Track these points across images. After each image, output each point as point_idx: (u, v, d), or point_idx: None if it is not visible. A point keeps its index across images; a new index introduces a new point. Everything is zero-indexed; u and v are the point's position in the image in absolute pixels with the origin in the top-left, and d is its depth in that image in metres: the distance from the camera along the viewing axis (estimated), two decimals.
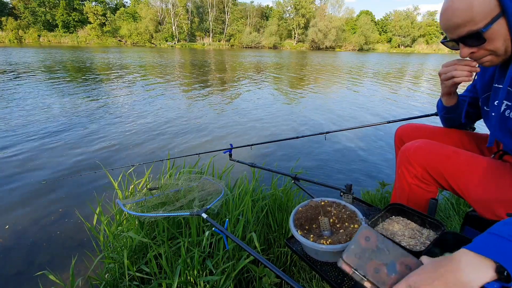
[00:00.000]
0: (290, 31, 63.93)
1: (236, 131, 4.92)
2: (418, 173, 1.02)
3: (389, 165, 3.64)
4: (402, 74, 16.04)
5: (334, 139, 4.49)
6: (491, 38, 0.75)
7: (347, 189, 1.10)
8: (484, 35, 0.74)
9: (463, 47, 0.81)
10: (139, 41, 50.26)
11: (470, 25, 0.74)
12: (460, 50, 0.82)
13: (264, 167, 1.57)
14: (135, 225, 1.58)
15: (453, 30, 0.78)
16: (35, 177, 3.07)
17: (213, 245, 1.43)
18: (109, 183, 2.13)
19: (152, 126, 5.02)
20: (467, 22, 0.74)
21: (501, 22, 0.73)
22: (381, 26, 67.16)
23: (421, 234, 0.86)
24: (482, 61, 0.83)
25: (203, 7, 58.49)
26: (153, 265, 1.28)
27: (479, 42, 0.77)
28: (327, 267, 0.84)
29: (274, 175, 1.99)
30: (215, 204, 1.27)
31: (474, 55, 0.81)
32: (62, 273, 1.79)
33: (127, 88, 8.81)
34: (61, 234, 2.19)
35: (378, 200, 2.11)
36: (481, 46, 0.78)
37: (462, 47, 0.81)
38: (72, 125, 4.90)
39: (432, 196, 1.04)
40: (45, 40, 46.54)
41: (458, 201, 1.95)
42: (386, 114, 6.46)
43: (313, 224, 0.94)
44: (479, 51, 0.79)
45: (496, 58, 0.80)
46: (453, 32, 0.79)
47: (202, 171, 2.26)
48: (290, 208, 1.76)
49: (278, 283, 1.33)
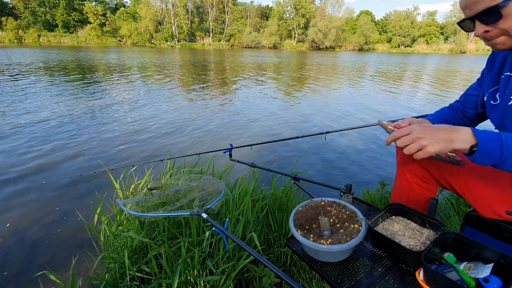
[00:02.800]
0: (290, 31, 63.91)
1: (236, 131, 4.92)
2: (418, 172, 1.02)
3: (389, 165, 3.64)
4: (402, 74, 16.04)
5: (334, 139, 4.49)
6: (508, 15, 0.74)
7: (347, 189, 1.10)
8: (502, 10, 0.73)
9: (479, 25, 0.80)
10: (139, 41, 50.25)
11: (489, 0, 0.74)
12: (476, 28, 0.81)
13: (264, 167, 1.57)
14: (135, 225, 1.58)
15: (472, 5, 0.78)
16: (35, 177, 3.07)
17: (213, 245, 1.44)
18: (110, 183, 2.13)
19: (153, 126, 5.02)
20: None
21: None
22: (381, 26, 67.13)
23: (421, 234, 0.86)
24: (494, 43, 0.82)
25: (203, 7, 58.48)
26: (154, 265, 1.28)
27: (495, 18, 0.76)
28: (327, 267, 0.84)
29: (274, 175, 1.99)
30: (215, 204, 1.28)
31: (488, 34, 0.80)
32: (63, 273, 1.79)
33: (127, 88, 8.81)
34: (62, 234, 2.19)
35: (378, 200, 2.11)
36: (496, 24, 0.77)
37: (477, 25, 0.80)
38: (72, 125, 4.90)
39: (432, 195, 1.04)
40: (45, 40, 46.53)
41: (458, 201, 1.96)
42: (386, 114, 6.46)
43: (313, 224, 0.95)
44: (493, 30, 0.79)
45: (509, 40, 0.79)
46: (472, 8, 0.78)
47: (202, 171, 2.26)
48: (290, 208, 1.76)
49: (278, 283, 1.33)
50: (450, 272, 0.69)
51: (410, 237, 0.85)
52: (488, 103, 0.98)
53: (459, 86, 11.64)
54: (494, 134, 0.69)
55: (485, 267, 0.70)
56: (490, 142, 0.67)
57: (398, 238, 0.85)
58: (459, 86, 11.64)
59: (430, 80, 13.54)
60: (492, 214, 0.87)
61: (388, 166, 3.61)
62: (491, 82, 0.97)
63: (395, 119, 1.79)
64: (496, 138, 0.67)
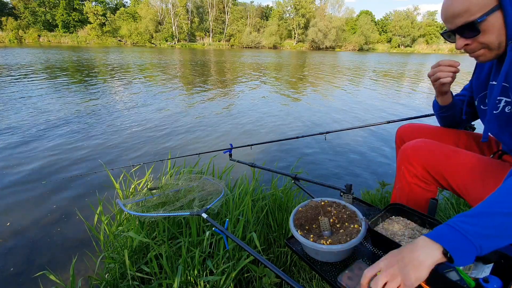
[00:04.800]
0: (290, 31, 63.89)
1: (236, 131, 4.92)
2: (418, 172, 1.02)
3: (389, 165, 3.64)
4: (402, 74, 16.04)
5: (334, 139, 4.49)
6: (486, 30, 0.76)
7: (347, 189, 1.10)
8: (479, 26, 0.76)
9: (459, 38, 0.83)
10: (139, 41, 50.24)
11: (467, 16, 0.76)
12: (456, 41, 0.84)
13: (264, 167, 1.57)
14: (135, 225, 1.58)
15: (451, 19, 0.80)
16: (35, 177, 3.07)
17: (213, 245, 1.44)
18: (110, 183, 2.13)
19: (153, 126, 5.02)
20: (464, 12, 0.76)
21: (497, 15, 0.74)
22: (381, 26, 67.13)
23: (421, 234, 0.86)
24: (476, 55, 0.84)
25: (203, 7, 58.48)
26: (154, 264, 1.28)
27: (474, 33, 0.78)
28: (327, 267, 0.84)
29: (274, 175, 1.99)
30: (215, 204, 1.28)
31: (468, 47, 0.83)
32: (63, 273, 1.79)
33: (128, 88, 8.81)
34: (62, 234, 2.19)
35: (378, 200, 2.11)
36: (475, 38, 0.79)
37: (458, 38, 0.83)
38: (73, 125, 4.90)
39: (432, 196, 1.04)
40: (45, 40, 46.52)
41: (458, 201, 1.95)
42: (386, 114, 6.46)
43: (313, 224, 0.95)
44: (473, 43, 0.81)
45: (489, 53, 0.81)
46: (451, 22, 0.81)
47: (202, 171, 2.26)
48: (290, 208, 1.76)
49: (278, 283, 1.33)
50: (450, 272, 0.69)
51: (410, 237, 0.85)
52: (478, 108, 1.01)
53: (459, 86, 11.63)
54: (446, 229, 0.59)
55: (485, 267, 0.70)
56: (449, 235, 0.58)
57: (398, 238, 0.85)
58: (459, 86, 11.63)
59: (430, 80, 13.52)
60: None
61: (388, 167, 3.61)
62: (480, 87, 0.99)
63: (395, 119, 1.79)
64: (449, 231, 0.58)
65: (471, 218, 0.58)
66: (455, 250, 0.55)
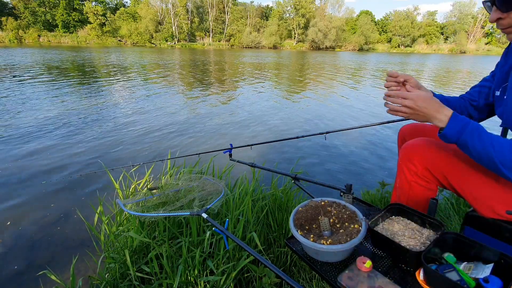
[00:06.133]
0: (290, 31, 63.86)
1: (236, 131, 4.92)
2: (418, 171, 1.02)
3: (389, 165, 3.64)
4: None
5: (334, 139, 4.49)
6: None
7: (347, 189, 1.10)
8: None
9: (495, 10, 0.83)
10: (139, 41, 50.22)
11: None
12: (491, 13, 0.83)
13: (264, 167, 1.57)
14: (135, 225, 1.58)
15: None
16: (35, 177, 3.07)
17: (213, 245, 1.44)
18: (110, 183, 2.14)
19: (153, 126, 5.02)
20: None
21: None
22: (381, 26, 67.08)
23: (421, 234, 0.86)
24: (507, 32, 0.84)
25: (203, 7, 58.46)
26: (155, 264, 1.28)
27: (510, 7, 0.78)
28: (327, 267, 0.84)
29: (274, 175, 1.99)
30: (215, 204, 1.28)
31: (501, 22, 0.83)
32: (63, 273, 1.79)
33: (128, 88, 8.81)
34: (62, 234, 2.19)
35: (378, 200, 2.11)
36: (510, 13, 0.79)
37: (494, 10, 0.83)
38: (72, 125, 4.90)
39: (432, 195, 1.04)
40: (45, 40, 46.51)
41: (458, 201, 1.96)
42: (386, 114, 6.43)
43: (313, 224, 0.95)
44: (506, 18, 0.81)
45: None
46: None
47: (202, 171, 2.26)
48: (290, 208, 1.76)
49: (278, 283, 1.33)
50: (450, 272, 0.69)
51: (410, 237, 0.85)
52: (497, 101, 0.99)
53: (459, 86, 11.63)
54: (463, 123, 0.78)
55: (485, 267, 0.70)
56: (453, 129, 0.78)
57: (398, 238, 0.85)
58: (459, 86, 11.63)
59: (430, 80, 13.53)
60: (492, 213, 0.87)
61: (388, 166, 3.61)
62: (502, 78, 0.98)
63: (395, 119, 1.79)
64: (461, 127, 0.77)
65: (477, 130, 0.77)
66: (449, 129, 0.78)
